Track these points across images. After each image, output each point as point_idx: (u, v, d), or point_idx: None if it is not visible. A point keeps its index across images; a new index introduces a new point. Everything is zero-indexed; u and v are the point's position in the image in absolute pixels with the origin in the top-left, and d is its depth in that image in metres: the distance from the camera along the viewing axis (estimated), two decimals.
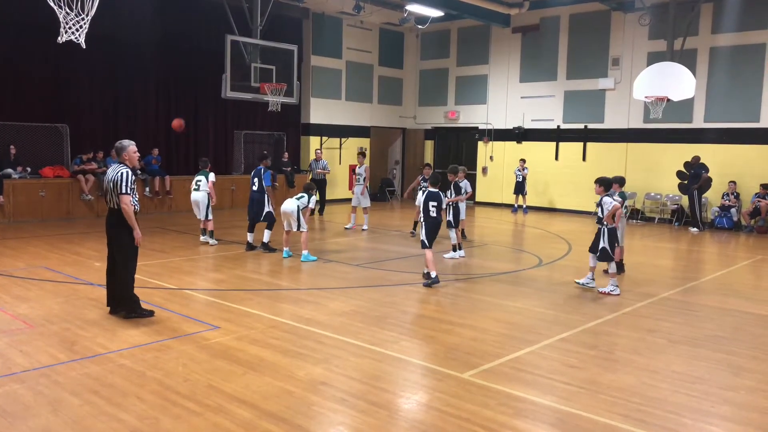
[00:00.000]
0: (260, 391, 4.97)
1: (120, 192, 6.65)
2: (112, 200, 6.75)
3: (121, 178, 6.67)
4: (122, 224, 6.75)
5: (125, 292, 6.91)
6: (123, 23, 15.52)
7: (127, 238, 6.78)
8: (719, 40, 16.65)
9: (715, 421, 4.69)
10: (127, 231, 6.76)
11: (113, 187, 6.70)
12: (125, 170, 6.74)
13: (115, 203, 6.74)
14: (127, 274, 6.88)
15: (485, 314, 7.50)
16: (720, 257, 12.98)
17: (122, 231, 6.77)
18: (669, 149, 17.53)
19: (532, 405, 4.87)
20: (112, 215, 6.81)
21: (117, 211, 6.74)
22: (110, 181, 6.73)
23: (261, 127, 19.88)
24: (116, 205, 6.73)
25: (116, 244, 6.86)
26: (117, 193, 6.67)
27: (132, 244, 6.82)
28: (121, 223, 6.75)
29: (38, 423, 4.34)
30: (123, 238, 6.79)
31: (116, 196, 6.69)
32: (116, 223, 6.78)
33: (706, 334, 6.92)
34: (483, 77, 21.51)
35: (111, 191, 6.74)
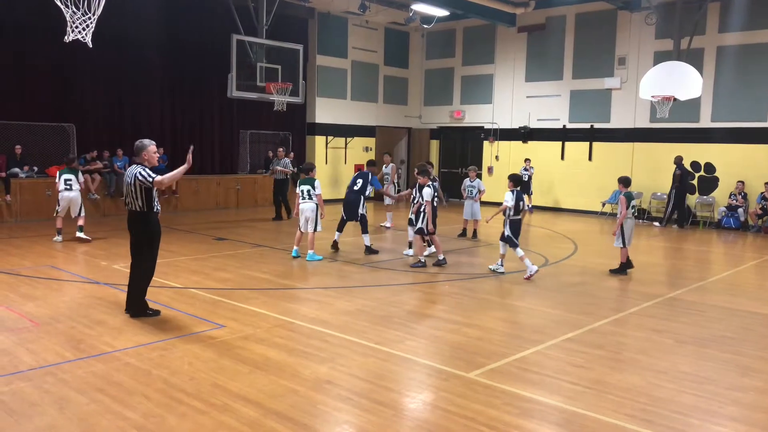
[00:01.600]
0: (266, 389, 4.97)
1: (147, 185, 6.64)
2: (133, 202, 6.75)
3: (140, 174, 6.65)
4: (142, 227, 6.80)
5: (138, 293, 6.94)
6: (129, 23, 15.58)
7: (146, 241, 6.83)
8: (726, 39, 16.57)
9: (723, 421, 4.66)
10: (147, 235, 6.81)
11: (132, 189, 6.69)
12: (140, 168, 6.72)
13: (135, 205, 6.76)
14: (141, 276, 6.91)
15: (491, 314, 7.48)
16: (727, 257, 12.92)
17: (142, 234, 6.82)
18: (676, 149, 17.44)
19: (538, 405, 4.85)
20: (131, 217, 6.84)
21: (136, 213, 6.78)
22: (129, 184, 6.72)
23: (266, 126, 19.91)
24: (136, 207, 6.76)
25: (135, 246, 6.91)
26: (139, 192, 6.66)
27: (149, 249, 6.84)
28: (141, 225, 6.80)
29: (44, 421, 4.35)
30: (142, 241, 6.84)
31: (137, 198, 6.70)
32: (136, 225, 6.83)
33: (713, 334, 6.88)
34: (488, 77, 21.47)
35: (130, 193, 6.74)
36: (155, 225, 6.88)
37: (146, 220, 6.80)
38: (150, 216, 6.81)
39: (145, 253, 6.89)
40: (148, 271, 6.98)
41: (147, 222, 6.81)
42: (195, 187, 17.50)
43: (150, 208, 6.79)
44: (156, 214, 6.89)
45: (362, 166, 22.12)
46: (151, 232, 6.86)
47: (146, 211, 6.77)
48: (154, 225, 6.87)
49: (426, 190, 10.13)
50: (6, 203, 14.04)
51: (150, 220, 6.82)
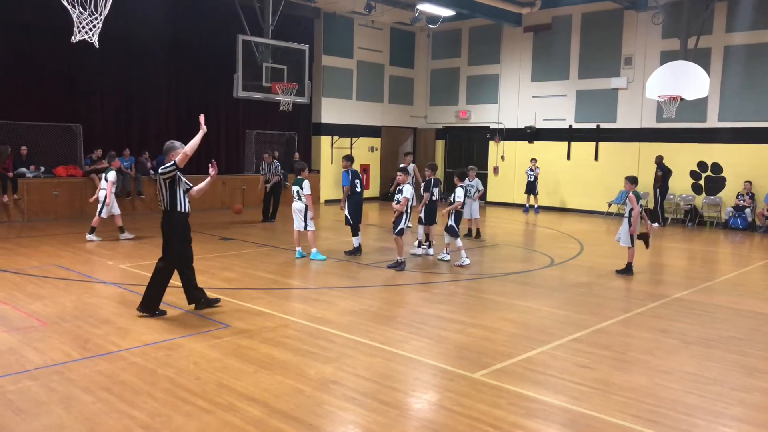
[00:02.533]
0: (271, 389, 4.98)
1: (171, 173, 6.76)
2: (162, 201, 6.91)
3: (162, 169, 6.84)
4: (172, 226, 6.91)
5: (156, 288, 6.96)
6: (135, 23, 15.63)
7: (171, 237, 6.94)
8: (733, 39, 16.50)
9: (729, 422, 4.64)
10: (178, 236, 6.93)
11: (159, 187, 6.90)
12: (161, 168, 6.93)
13: (163, 203, 6.91)
14: (167, 274, 6.98)
15: (497, 314, 7.47)
16: (734, 258, 12.86)
17: (173, 234, 6.94)
18: (682, 149, 17.40)
19: (544, 405, 4.85)
20: (165, 216, 6.97)
21: (168, 212, 6.90)
22: (156, 182, 6.96)
23: (272, 126, 19.93)
24: (163, 205, 6.90)
25: (165, 243, 7.02)
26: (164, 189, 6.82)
27: (179, 245, 6.95)
28: (165, 224, 6.93)
29: (51, 419, 4.37)
30: (168, 237, 6.96)
31: (164, 196, 6.86)
32: (167, 224, 6.94)
33: (719, 334, 6.85)
34: (494, 77, 21.44)
35: (159, 191, 6.94)
36: (177, 224, 6.91)
37: (169, 218, 6.91)
38: (173, 215, 6.88)
39: (169, 250, 6.99)
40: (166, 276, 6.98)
41: (170, 220, 6.91)
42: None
43: (173, 207, 6.85)
44: (182, 215, 6.92)
45: (367, 166, 22.26)
46: (171, 230, 6.93)
47: (169, 210, 6.87)
48: (175, 224, 6.90)
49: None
50: (14, 203, 14.11)
51: (172, 218, 6.89)
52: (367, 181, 22.34)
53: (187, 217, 7.00)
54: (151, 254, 10.74)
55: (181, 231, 6.94)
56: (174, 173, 6.78)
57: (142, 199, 16.31)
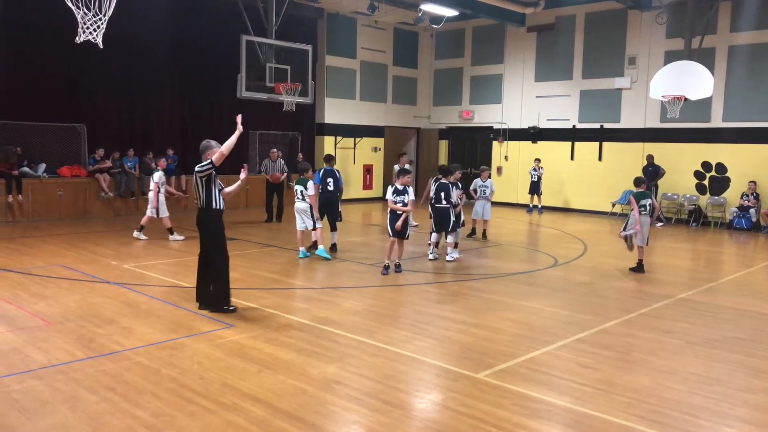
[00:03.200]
0: (274, 389, 4.98)
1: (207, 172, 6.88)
2: (198, 199, 7.03)
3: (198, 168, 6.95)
4: (203, 225, 7.05)
5: (222, 286, 7.12)
6: (139, 24, 15.64)
7: (211, 234, 7.06)
8: (738, 39, 16.45)
9: (733, 423, 4.63)
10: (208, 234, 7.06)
11: (195, 186, 7.01)
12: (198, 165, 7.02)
13: (199, 202, 7.03)
14: (224, 268, 7.10)
15: (500, 314, 7.47)
16: (738, 258, 12.83)
17: (207, 228, 7.07)
18: (686, 149, 17.36)
19: (547, 405, 4.84)
20: (200, 213, 7.08)
21: (204, 209, 7.02)
22: (193, 184, 7.06)
23: (276, 127, 19.94)
24: (200, 204, 7.02)
25: (209, 240, 7.12)
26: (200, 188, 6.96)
27: (222, 240, 7.09)
28: (203, 223, 7.05)
29: (55, 419, 4.39)
30: (214, 233, 7.07)
31: (200, 194, 6.98)
32: (205, 221, 7.06)
33: (723, 335, 6.84)
34: (498, 77, 21.42)
35: (195, 190, 7.05)
36: (216, 223, 7.08)
37: (206, 217, 7.04)
38: (209, 212, 7.03)
39: (210, 248, 7.11)
40: (218, 264, 7.11)
41: (206, 217, 7.05)
42: None
43: (209, 205, 7.01)
44: (218, 212, 7.08)
45: (371, 166, 22.27)
46: (210, 229, 7.08)
47: (206, 208, 7.01)
48: (214, 222, 7.07)
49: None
50: (18, 203, 14.15)
51: (209, 217, 7.04)
52: (370, 181, 22.37)
53: (222, 214, 7.16)
54: (155, 255, 10.78)
55: (216, 227, 7.11)
56: (210, 172, 6.92)
57: (146, 200, 16.29)
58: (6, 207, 14.06)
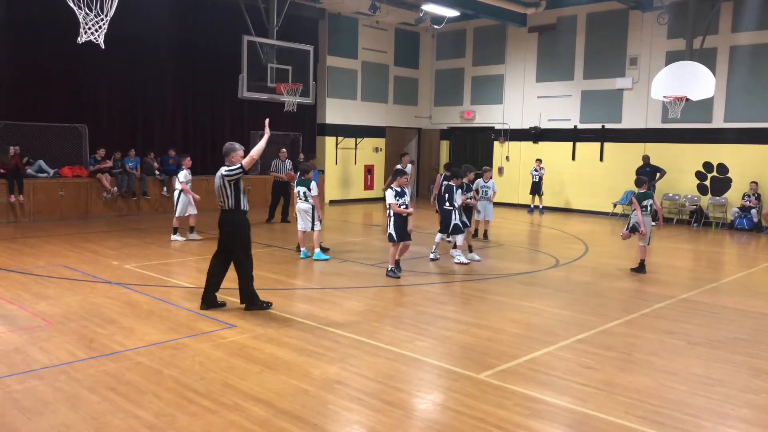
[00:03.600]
0: (276, 389, 4.98)
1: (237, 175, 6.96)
2: (224, 201, 7.09)
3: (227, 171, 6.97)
4: (231, 226, 7.12)
5: (248, 286, 7.24)
6: (140, 24, 15.65)
7: (242, 235, 7.15)
8: (739, 39, 16.43)
9: (735, 423, 4.63)
10: (236, 234, 7.13)
11: (222, 189, 7.05)
12: (225, 168, 7.06)
13: (226, 204, 7.08)
14: (249, 268, 7.22)
15: (501, 315, 7.46)
16: (740, 258, 12.81)
17: (236, 229, 7.14)
18: (688, 149, 17.34)
19: (548, 406, 4.84)
20: (224, 215, 7.15)
21: (232, 211, 7.09)
22: (219, 185, 7.08)
23: (277, 127, 19.83)
24: (227, 206, 7.08)
25: (239, 242, 7.17)
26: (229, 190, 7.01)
27: (247, 241, 7.19)
28: (230, 224, 7.12)
29: (57, 419, 4.39)
30: (238, 236, 7.15)
31: (228, 196, 7.04)
32: (232, 222, 7.13)
33: (725, 336, 6.83)
34: (499, 77, 21.42)
35: (221, 193, 7.08)
36: (245, 225, 7.20)
37: (234, 217, 7.12)
38: (237, 214, 7.12)
39: (238, 250, 7.17)
40: (245, 266, 7.21)
41: (234, 219, 7.13)
42: (206, 187, 17.54)
43: (238, 206, 7.11)
44: (244, 213, 7.19)
45: (372, 167, 22.27)
46: (239, 230, 7.16)
47: (234, 209, 7.09)
48: (242, 223, 7.18)
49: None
50: (19, 203, 14.16)
51: (237, 219, 7.14)
52: (371, 181, 22.37)
53: (246, 214, 7.27)
54: (157, 255, 10.78)
55: (245, 228, 7.21)
56: (240, 175, 7.01)
57: (148, 200, 16.35)
58: (8, 207, 14.07)
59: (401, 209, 9.29)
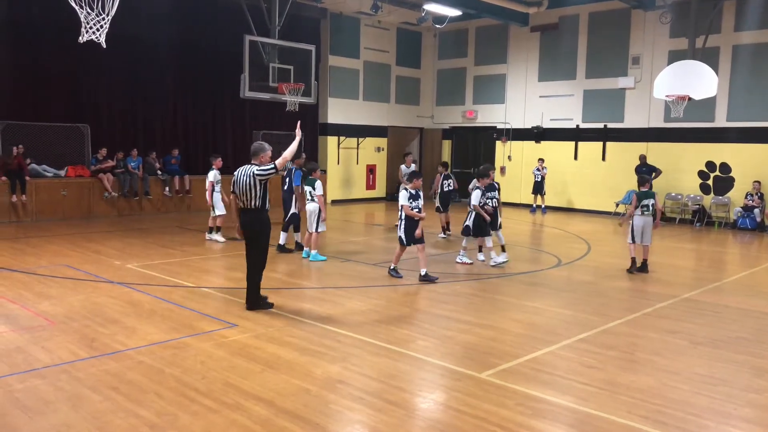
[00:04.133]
0: (277, 388, 4.98)
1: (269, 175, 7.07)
2: (250, 200, 7.13)
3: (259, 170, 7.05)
4: (258, 224, 7.19)
5: (256, 286, 7.34)
6: (142, 24, 15.66)
7: (266, 234, 7.24)
8: (742, 38, 16.40)
9: (738, 423, 4.61)
10: (261, 232, 7.21)
11: (249, 188, 7.08)
12: (255, 167, 7.13)
13: (252, 203, 7.13)
14: (261, 269, 7.32)
15: (503, 314, 7.45)
16: (743, 258, 12.79)
17: (263, 229, 7.23)
18: (690, 149, 17.31)
19: (550, 405, 4.83)
20: (253, 213, 7.20)
21: (258, 210, 7.16)
22: (247, 183, 7.10)
23: (279, 126, 19.92)
24: (253, 205, 7.13)
25: (254, 241, 7.26)
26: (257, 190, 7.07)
27: (268, 240, 7.30)
28: (257, 223, 7.19)
29: (58, 418, 4.39)
30: (264, 235, 7.23)
31: (256, 196, 7.09)
32: (259, 221, 7.21)
33: (728, 335, 6.81)
34: (501, 76, 21.40)
35: (246, 192, 7.11)
36: (268, 223, 7.31)
37: (260, 216, 7.21)
38: (263, 213, 7.24)
39: (259, 248, 7.27)
40: (260, 265, 7.32)
41: (260, 218, 7.21)
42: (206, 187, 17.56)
43: (264, 205, 7.20)
44: (267, 212, 7.29)
45: (374, 166, 22.26)
46: (264, 228, 7.26)
47: (260, 208, 7.17)
48: (268, 223, 7.29)
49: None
50: (22, 203, 14.18)
51: (263, 216, 7.23)
52: (373, 181, 22.36)
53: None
54: (159, 254, 10.78)
55: (268, 228, 7.31)
56: (273, 175, 7.13)
57: (150, 200, 16.36)
58: (10, 207, 14.09)
59: (414, 213, 9.12)
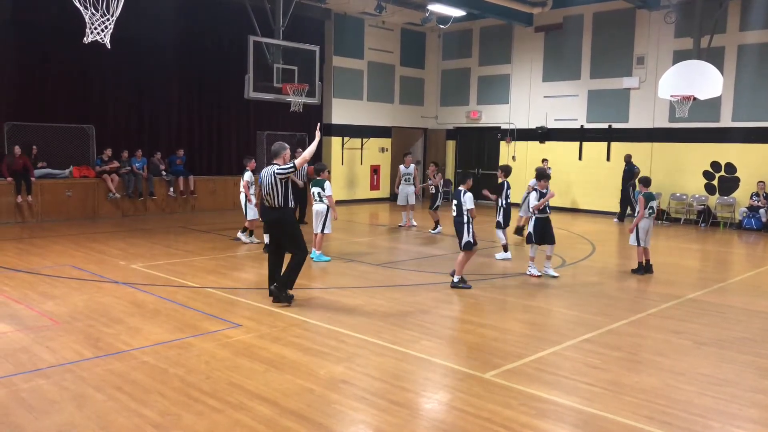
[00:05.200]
0: (281, 388, 4.98)
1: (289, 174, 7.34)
2: (273, 199, 7.33)
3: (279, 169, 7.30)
4: (285, 221, 7.44)
5: (293, 275, 7.48)
6: (146, 25, 15.68)
7: (292, 231, 7.48)
8: (747, 38, 16.34)
9: (743, 424, 4.59)
10: (286, 230, 7.43)
11: (273, 187, 7.29)
12: (276, 166, 7.37)
13: (276, 202, 7.33)
14: (302, 260, 7.49)
15: (508, 314, 7.44)
16: (748, 258, 12.73)
17: (287, 227, 7.44)
18: (695, 149, 17.26)
19: (555, 406, 4.82)
20: (275, 212, 7.41)
21: (281, 209, 7.37)
22: (269, 183, 7.30)
23: (283, 127, 19.96)
24: (276, 203, 7.34)
25: (285, 236, 7.46)
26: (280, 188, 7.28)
27: (299, 234, 7.49)
28: (284, 220, 7.43)
29: (63, 417, 4.40)
30: (289, 232, 7.49)
31: (278, 194, 7.29)
32: (283, 220, 7.43)
33: (733, 335, 6.78)
34: (505, 77, 21.37)
35: (271, 191, 7.32)
36: (293, 220, 7.56)
37: (284, 214, 7.41)
38: (287, 211, 7.49)
39: (292, 245, 7.45)
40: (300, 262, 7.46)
41: (284, 216, 7.42)
42: (212, 188, 17.62)
43: (287, 204, 7.41)
44: (292, 210, 7.53)
45: (378, 167, 22.26)
46: (288, 226, 7.47)
47: (283, 206, 7.37)
48: (292, 220, 7.54)
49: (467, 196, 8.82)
50: (27, 203, 14.22)
51: (287, 214, 7.55)
52: (377, 181, 22.36)
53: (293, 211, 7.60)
54: (163, 255, 10.80)
55: (295, 224, 7.67)
56: (292, 173, 7.42)
57: (154, 200, 16.39)
58: (15, 207, 14.14)
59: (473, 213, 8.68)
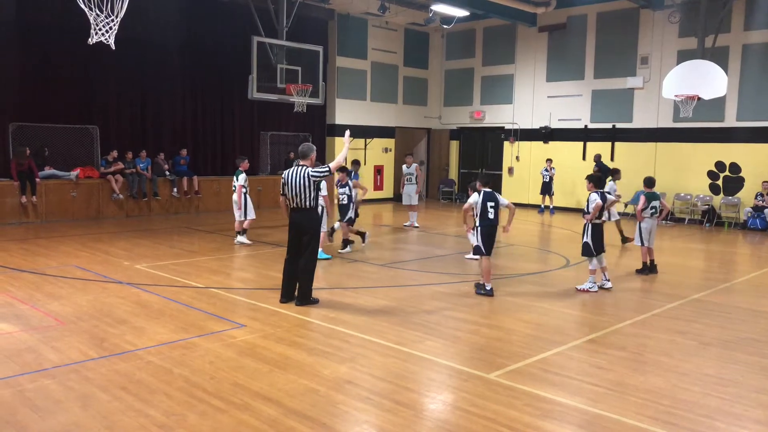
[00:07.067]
0: (285, 389, 4.99)
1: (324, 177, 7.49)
2: (304, 201, 7.36)
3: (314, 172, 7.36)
4: (311, 224, 7.46)
5: (309, 283, 7.57)
6: (150, 25, 15.74)
7: (314, 234, 7.47)
8: (752, 37, 16.30)
9: (748, 424, 4.58)
10: (313, 231, 7.46)
11: (304, 189, 7.31)
12: (309, 168, 7.43)
13: (306, 203, 7.36)
14: (314, 266, 7.59)
15: (512, 315, 7.44)
16: (753, 258, 12.70)
17: (309, 228, 7.43)
18: (699, 149, 17.22)
19: (559, 406, 4.81)
20: (304, 213, 7.42)
21: (310, 210, 7.41)
22: (301, 185, 7.32)
23: (287, 127, 20.00)
24: (306, 204, 7.37)
25: (310, 236, 7.46)
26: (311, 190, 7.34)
27: (312, 244, 7.47)
28: (310, 222, 7.44)
29: (68, 417, 4.41)
30: (316, 234, 7.54)
31: (309, 196, 7.34)
32: (311, 221, 7.47)
33: (738, 336, 6.77)
34: (509, 77, 21.36)
35: (300, 193, 7.34)
36: (319, 220, 7.64)
37: (312, 215, 7.48)
38: (315, 213, 7.56)
39: (310, 248, 7.46)
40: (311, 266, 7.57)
41: (312, 218, 7.50)
42: (216, 188, 17.64)
43: (316, 206, 7.54)
44: (318, 211, 7.62)
45: (381, 167, 22.27)
46: (316, 226, 7.58)
47: (313, 208, 7.43)
48: (318, 220, 7.63)
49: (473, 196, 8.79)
50: (32, 204, 14.27)
51: (315, 216, 7.59)
52: (381, 181, 22.37)
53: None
54: (167, 255, 10.82)
55: (320, 226, 7.79)
56: (327, 177, 7.54)
57: (158, 201, 16.42)
58: (20, 208, 14.19)
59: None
